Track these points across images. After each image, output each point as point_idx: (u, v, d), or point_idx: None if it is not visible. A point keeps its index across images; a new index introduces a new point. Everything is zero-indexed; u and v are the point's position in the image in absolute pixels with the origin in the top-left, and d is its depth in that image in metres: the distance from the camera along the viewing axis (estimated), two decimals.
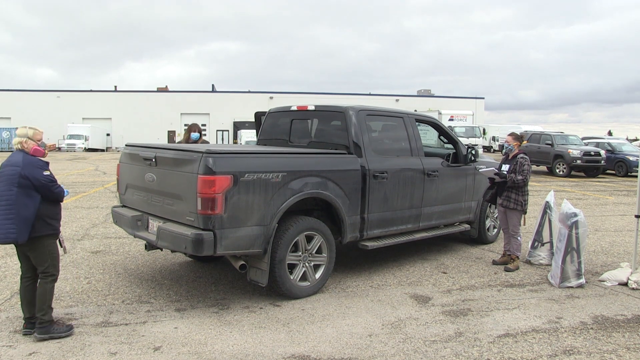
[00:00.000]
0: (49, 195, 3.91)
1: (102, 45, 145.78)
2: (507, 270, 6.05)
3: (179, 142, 7.84)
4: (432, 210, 6.29)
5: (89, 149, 40.72)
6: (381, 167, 5.55)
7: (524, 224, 6.42)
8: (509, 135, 6.44)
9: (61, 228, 4.14)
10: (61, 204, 4.12)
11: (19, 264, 4.10)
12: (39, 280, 3.97)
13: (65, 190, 4.08)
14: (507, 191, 6.18)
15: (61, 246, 4.14)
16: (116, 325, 4.19)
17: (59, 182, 4.06)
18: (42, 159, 4.03)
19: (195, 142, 7.41)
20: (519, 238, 6.21)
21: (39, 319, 3.89)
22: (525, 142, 6.55)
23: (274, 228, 4.57)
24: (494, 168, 6.46)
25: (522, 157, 6.14)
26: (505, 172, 6.15)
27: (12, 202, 3.74)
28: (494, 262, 6.35)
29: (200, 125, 7.95)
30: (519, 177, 6.02)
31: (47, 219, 3.92)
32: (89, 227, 8.22)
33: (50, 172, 3.97)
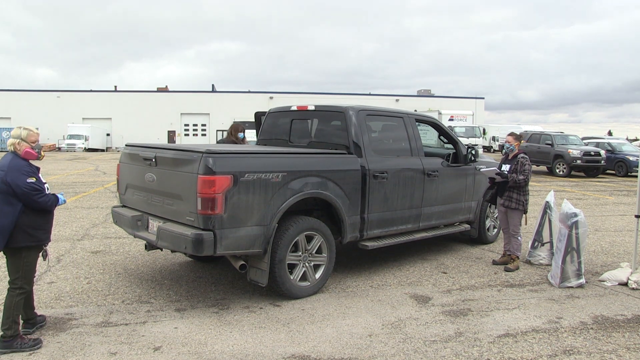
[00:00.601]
0: (32, 204, 3.64)
1: (102, 45, 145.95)
2: (507, 270, 6.05)
3: (219, 142, 7.72)
4: (432, 210, 6.28)
5: (89, 149, 40.71)
6: (381, 167, 5.55)
7: (526, 224, 6.40)
8: (509, 135, 6.44)
9: (58, 232, 4.03)
10: (53, 212, 3.90)
11: None
12: (7, 291, 3.74)
13: (60, 198, 3.87)
14: (509, 191, 6.19)
15: (44, 259, 3.92)
16: (116, 325, 4.19)
17: (50, 190, 3.85)
18: (34, 162, 3.80)
19: (242, 141, 7.42)
20: (519, 238, 6.21)
21: (3, 333, 3.66)
22: (523, 141, 6.55)
23: (274, 228, 4.57)
24: (495, 168, 6.46)
25: (522, 157, 6.14)
26: (507, 172, 6.15)
27: None
28: (494, 262, 6.35)
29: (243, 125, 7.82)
30: (521, 177, 6.03)
31: (28, 229, 3.65)
32: (89, 227, 8.22)
33: (38, 179, 3.71)
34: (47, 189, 3.85)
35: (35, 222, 3.71)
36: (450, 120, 32.20)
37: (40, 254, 3.87)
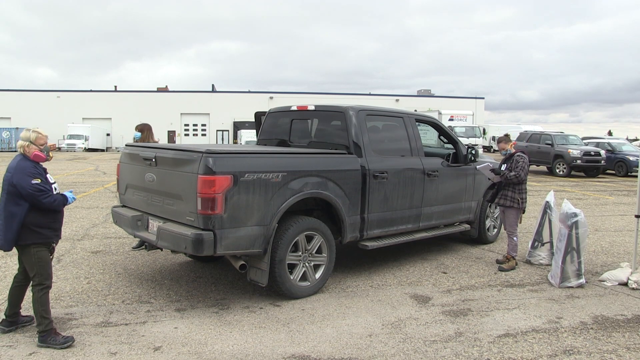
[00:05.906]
0: (37, 204, 3.74)
1: (102, 45, 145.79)
2: (500, 269, 6.05)
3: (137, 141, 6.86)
4: (432, 210, 6.28)
5: (89, 149, 40.74)
6: (381, 167, 5.55)
7: (520, 222, 6.37)
8: (498, 143, 6.48)
9: (61, 235, 4.08)
10: (62, 211, 4.00)
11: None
12: (32, 289, 3.86)
13: (70, 197, 3.99)
14: (504, 189, 6.20)
15: (50, 255, 3.98)
16: (116, 325, 4.19)
17: (59, 189, 3.96)
18: (42, 164, 3.93)
19: (137, 141, 6.73)
20: (514, 238, 6.18)
21: (37, 329, 3.82)
22: (514, 143, 6.58)
23: (274, 228, 4.57)
24: (488, 163, 6.46)
25: (518, 156, 6.15)
26: (500, 170, 6.17)
27: (2, 209, 3.75)
28: (498, 262, 6.33)
29: (146, 124, 7.10)
30: (512, 174, 6.03)
31: (34, 228, 3.77)
32: (89, 227, 8.22)
33: (43, 180, 3.80)
34: (56, 189, 3.95)
35: (41, 221, 3.81)
36: (450, 120, 32.25)
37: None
